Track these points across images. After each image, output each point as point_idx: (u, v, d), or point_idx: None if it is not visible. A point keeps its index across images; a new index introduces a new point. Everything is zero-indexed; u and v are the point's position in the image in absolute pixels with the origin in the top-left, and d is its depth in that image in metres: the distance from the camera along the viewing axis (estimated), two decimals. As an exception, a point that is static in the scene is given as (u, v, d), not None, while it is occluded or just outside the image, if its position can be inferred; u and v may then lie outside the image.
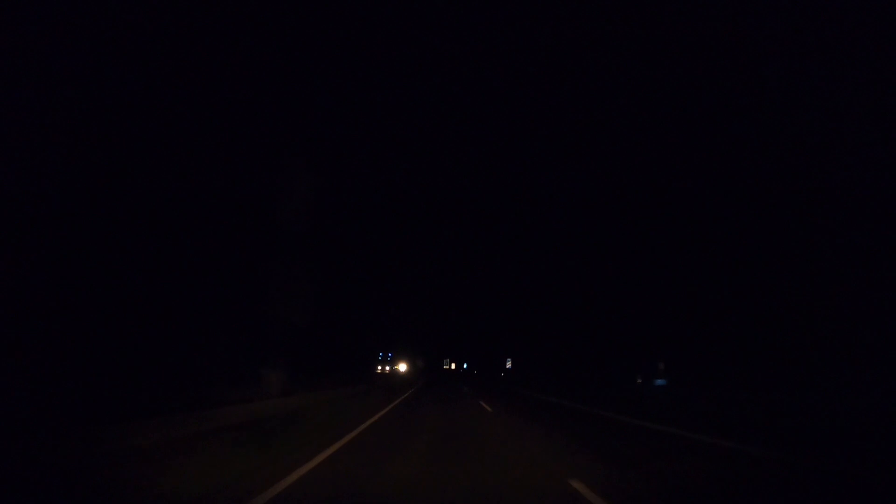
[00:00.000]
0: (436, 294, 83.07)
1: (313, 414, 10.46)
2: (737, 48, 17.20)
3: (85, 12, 11.34)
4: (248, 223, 18.02)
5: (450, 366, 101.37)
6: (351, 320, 41.79)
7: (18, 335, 9.22)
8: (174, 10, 13.90)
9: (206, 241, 15.36)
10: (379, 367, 61.88)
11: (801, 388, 13.02)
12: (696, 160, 19.71)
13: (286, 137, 21.17)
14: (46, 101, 10.51)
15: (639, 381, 20.32)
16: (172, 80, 14.46)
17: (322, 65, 24.48)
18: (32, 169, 10.33)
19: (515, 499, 4.14)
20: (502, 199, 58.70)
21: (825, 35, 14.62)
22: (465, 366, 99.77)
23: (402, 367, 68.44)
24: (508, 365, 62.39)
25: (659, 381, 18.26)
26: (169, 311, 13.53)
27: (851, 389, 11.90)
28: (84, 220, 11.56)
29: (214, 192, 15.52)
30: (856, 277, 13.64)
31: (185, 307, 14.18)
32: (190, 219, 14.89)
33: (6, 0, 9.83)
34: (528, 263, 46.57)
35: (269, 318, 17.70)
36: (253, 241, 18.23)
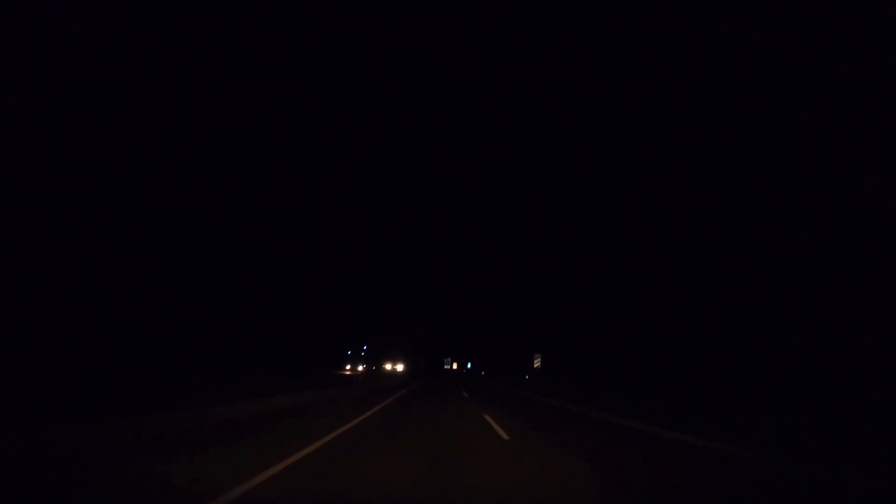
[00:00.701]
0: (435, 284, 70.49)
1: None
2: (737, 47, 16.46)
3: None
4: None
5: (451, 366, 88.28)
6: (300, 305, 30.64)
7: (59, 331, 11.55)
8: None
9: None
10: (348, 367, 46.83)
11: None
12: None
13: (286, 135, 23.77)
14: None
15: None
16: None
17: (324, 61, 26.53)
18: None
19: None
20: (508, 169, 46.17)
21: (825, 35, 13.72)
22: (468, 365, 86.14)
23: (400, 367, 54.17)
24: (537, 364, 48.15)
25: None
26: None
27: None
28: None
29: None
30: None
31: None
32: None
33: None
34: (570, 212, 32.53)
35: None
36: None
